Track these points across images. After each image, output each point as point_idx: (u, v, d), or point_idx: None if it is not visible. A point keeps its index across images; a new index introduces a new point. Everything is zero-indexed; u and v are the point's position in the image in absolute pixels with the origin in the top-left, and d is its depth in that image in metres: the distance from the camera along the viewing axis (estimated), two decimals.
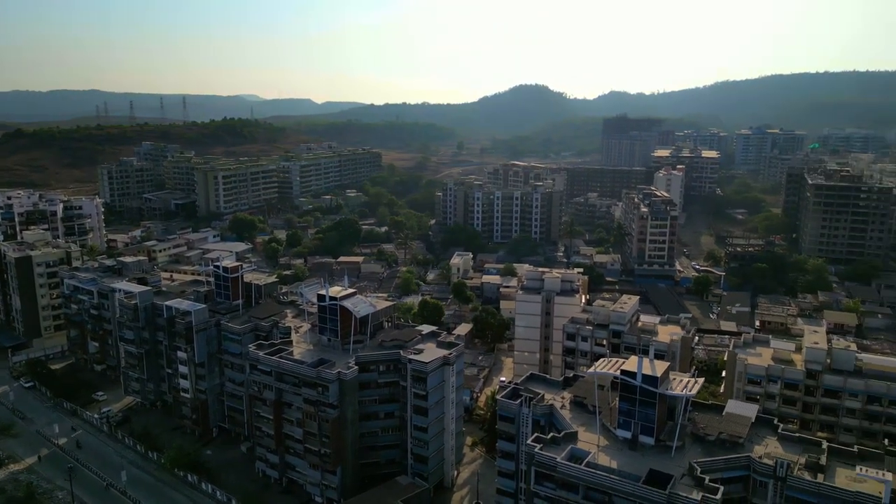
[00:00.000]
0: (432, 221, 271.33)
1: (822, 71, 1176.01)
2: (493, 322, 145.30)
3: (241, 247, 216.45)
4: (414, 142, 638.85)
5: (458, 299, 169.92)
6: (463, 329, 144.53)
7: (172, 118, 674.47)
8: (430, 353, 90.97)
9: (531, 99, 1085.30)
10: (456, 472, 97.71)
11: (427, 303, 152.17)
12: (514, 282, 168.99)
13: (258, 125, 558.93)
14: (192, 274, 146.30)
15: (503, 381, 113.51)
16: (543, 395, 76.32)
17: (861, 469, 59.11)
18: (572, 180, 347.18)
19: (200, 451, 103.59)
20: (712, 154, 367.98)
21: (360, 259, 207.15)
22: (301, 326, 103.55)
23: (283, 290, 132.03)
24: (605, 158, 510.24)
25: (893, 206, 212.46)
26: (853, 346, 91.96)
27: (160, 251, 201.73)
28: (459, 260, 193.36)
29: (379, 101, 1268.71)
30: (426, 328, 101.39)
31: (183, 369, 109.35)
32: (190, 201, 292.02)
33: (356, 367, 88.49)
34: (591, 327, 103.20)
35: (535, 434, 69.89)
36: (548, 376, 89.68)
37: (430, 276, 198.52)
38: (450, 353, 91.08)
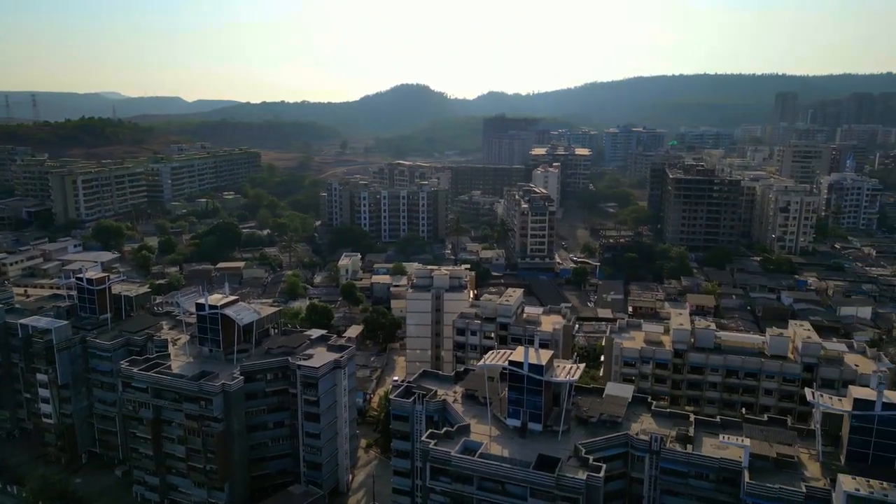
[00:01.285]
0: (318, 222, 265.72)
1: (677, 74, 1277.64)
2: (385, 322, 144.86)
3: (107, 256, 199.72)
4: (295, 141, 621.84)
5: (347, 301, 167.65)
6: (354, 331, 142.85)
7: (20, 117, 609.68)
8: (321, 357, 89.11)
9: (413, 98, 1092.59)
10: (351, 476, 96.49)
11: (315, 306, 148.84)
12: (404, 281, 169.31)
13: (122, 125, 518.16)
14: (51, 288, 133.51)
15: (396, 381, 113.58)
16: (436, 392, 77.18)
17: (724, 437, 64.99)
18: (456, 179, 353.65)
19: (69, 479, 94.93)
20: (585, 152, 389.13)
21: (241, 264, 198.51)
22: (179, 338, 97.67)
23: (158, 301, 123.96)
24: (487, 157, 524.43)
25: (741, 197, 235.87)
26: (713, 326, 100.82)
27: (11, 264, 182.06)
28: (348, 261, 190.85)
29: (255, 100, 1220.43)
30: (315, 332, 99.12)
31: (44, 393, 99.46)
32: (45, 208, 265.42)
33: (241, 377, 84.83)
34: (479, 321, 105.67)
35: (429, 430, 70.57)
36: (440, 372, 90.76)
37: (318, 279, 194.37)
38: (341, 357, 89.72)
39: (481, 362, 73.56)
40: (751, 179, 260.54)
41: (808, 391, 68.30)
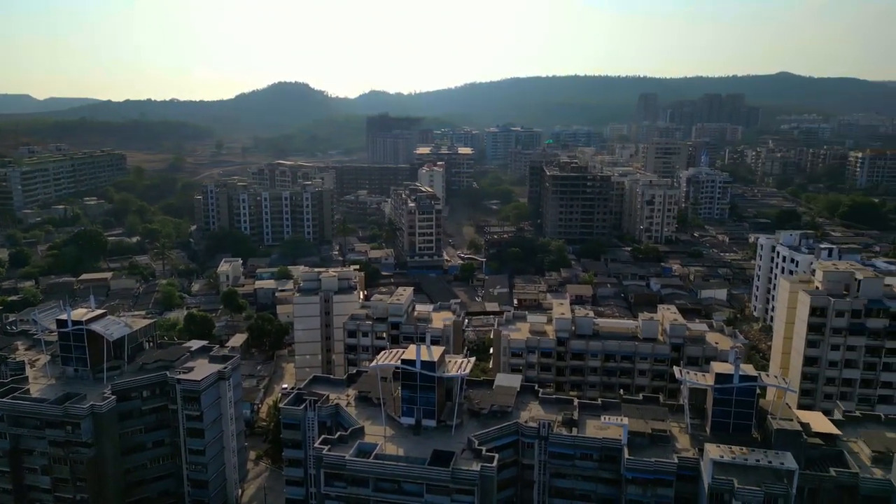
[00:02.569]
0: (193, 227, 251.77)
1: (551, 75, 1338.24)
2: (271, 328, 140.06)
3: None
4: (165, 142, 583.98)
5: (229, 309, 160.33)
6: (238, 339, 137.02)
7: None
8: (202, 369, 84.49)
9: (292, 97, 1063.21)
10: (240, 491, 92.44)
11: (194, 316, 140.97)
12: (289, 285, 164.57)
13: None
14: None
15: (285, 388, 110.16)
16: (328, 396, 75.72)
17: (605, 418, 69.01)
18: (341, 178, 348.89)
19: None
20: (467, 151, 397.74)
21: (108, 275, 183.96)
22: (38, 359, 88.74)
23: (11, 320, 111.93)
24: (371, 156, 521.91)
25: (612, 192, 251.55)
26: (591, 314, 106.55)
27: None
28: (228, 266, 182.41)
29: (117, 98, 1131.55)
30: (195, 343, 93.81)
31: None
32: None
33: (113, 396, 78.53)
34: (370, 322, 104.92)
35: (322, 436, 69.12)
36: (331, 376, 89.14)
37: (196, 287, 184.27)
38: (224, 368, 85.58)
39: (374, 363, 73.10)
40: (620, 175, 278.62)
41: (676, 369, 74.06)
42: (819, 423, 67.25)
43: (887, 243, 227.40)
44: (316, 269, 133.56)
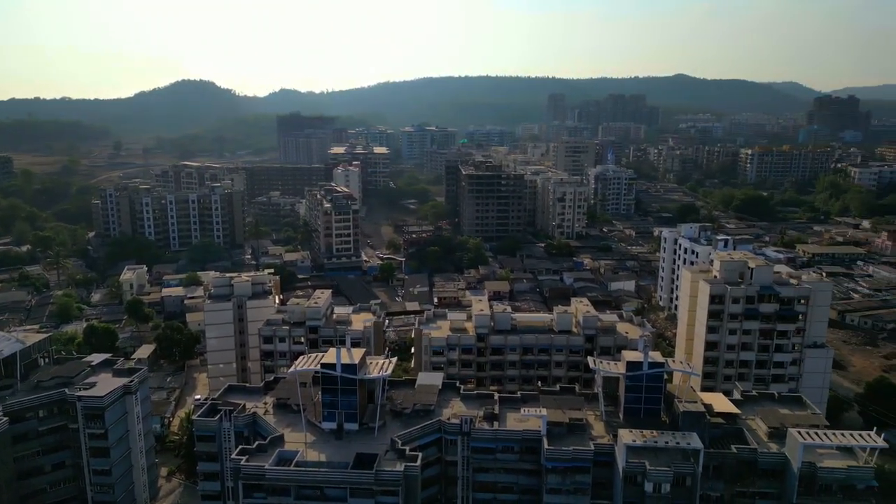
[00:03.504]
0: (91, 234, 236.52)
1: (463, 75, 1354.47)
2: (180, 338, 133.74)
3: None
4: (56, 143, 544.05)
5: (134, 319, 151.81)
6: (144, 351, 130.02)
7: None
8: (106, 384, 79.42)
9: (197, 95, 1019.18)
10: None
11: (95, 328, 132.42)
12: (199, 291, 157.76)
13: None
14: None
15: (198, 399, 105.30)
16: (244, 405, 73.19)
17: (524, 410, 70.61)
18: (252, 180, 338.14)
19: None
20: (383, 150, 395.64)
21: None
22: None
23: None
24: (283, 156, 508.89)
25: (526, 190, 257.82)
26: (509, 309, 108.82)
27: None
28: (131, 274, 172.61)
29: (1, 96, 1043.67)
30: (97, 357, 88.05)
31: None
32: None
33: (5, 418, 72.47)
34: (287, 327, 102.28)
35: (240, 447, 66.74)
36: (248, 384, 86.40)
37: (96, 297, 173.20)
38: (130, 381, 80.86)
39: (292, 369, 71.30)
40: (532, 173, 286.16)
41: (590, 359, 76.87)
42: (720, 403, 71.73)
43: (775, 233, 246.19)
44: (227, 274, 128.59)
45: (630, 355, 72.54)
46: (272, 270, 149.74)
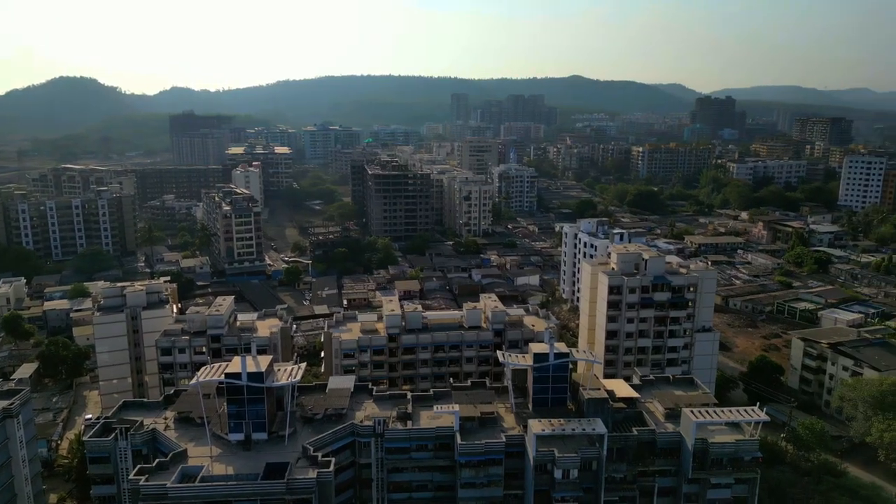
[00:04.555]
0: None
1: (366, 74, 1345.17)
2: (67, 354, 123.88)
3: None
4: None
5: (13, 336, 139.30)
6: (26, 370, 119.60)
7: None
8: None
9: (78, 93, 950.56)
10: None
11: None
12: (87, 303, 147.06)
13: None
14: None
15: (90, 419, 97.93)
16: (142, 422, 69.05)
17: (437, 408, 71.10)
18: (144, 182, 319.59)
19: None
20: (285, 150, 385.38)
21: None
22: None
23: None
24: (177, 157, 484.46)
25: (433, 189, 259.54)
26: (419, 308, 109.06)
27: None
28: (8, 288, 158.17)
29: None
30: None
31: None
32: None
33: None
34: (187, 337, 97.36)
35: (138, 466, 62.85)
36: (145, 399, 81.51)
37: None
38: (10, 404, 73.99)
39: (194, 380, 67.96)
40: (438, 173, 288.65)
41: (499, 353, 78.62)
42: (622, 389, 75.49)
43: (665, 226, 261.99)
44: (119, 284, 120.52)
45: (537, 347, 74.78)
46: (168, 278, 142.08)
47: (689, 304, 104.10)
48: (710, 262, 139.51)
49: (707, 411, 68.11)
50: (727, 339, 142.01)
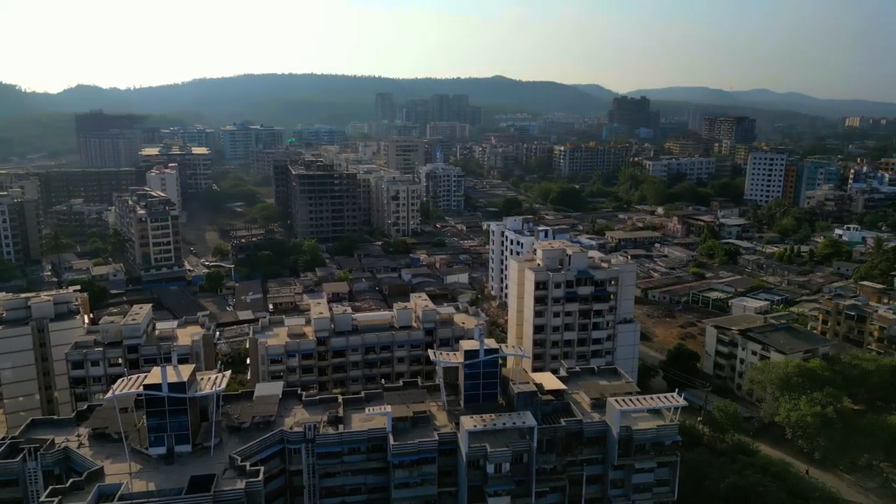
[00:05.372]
0: None
1: (287, 73, 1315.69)
2: None
3: None
4: None
5: None
6: None
7: None
8: None
9: None
10: None
11: None
12: None
13: None
14: None
15: None
16: (53, 440, 64.80)
17: (369, 410, 70.49)
18: (48, 186, 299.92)
19: None
20: (203, 150, 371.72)
21: None
22: None
23: None
24: (85, 159, 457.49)
25: (359, 189, 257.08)
26: (349, 310, 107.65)
27: None
28: None
29: None
30: None
31: None
32: None
33: None
34: (101, 348, 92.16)
35: (50, 487, 58.94)
36: (56, 417, 76.70)
37: None
38: None
39: (109, 394, 64.39)
40: (365, 172, 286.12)
41: (430, 352, 78.84)
42: (549, 381, 77.37)
43: (587, 222, 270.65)
44: (23, 295, 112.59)
45: (467, 344, 75.48)
46: (79, 287, 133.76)
47: (611, 296, 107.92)
48: (629, 257, 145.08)
49: (630, 399, 70.83)
50: (647, 329, 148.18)
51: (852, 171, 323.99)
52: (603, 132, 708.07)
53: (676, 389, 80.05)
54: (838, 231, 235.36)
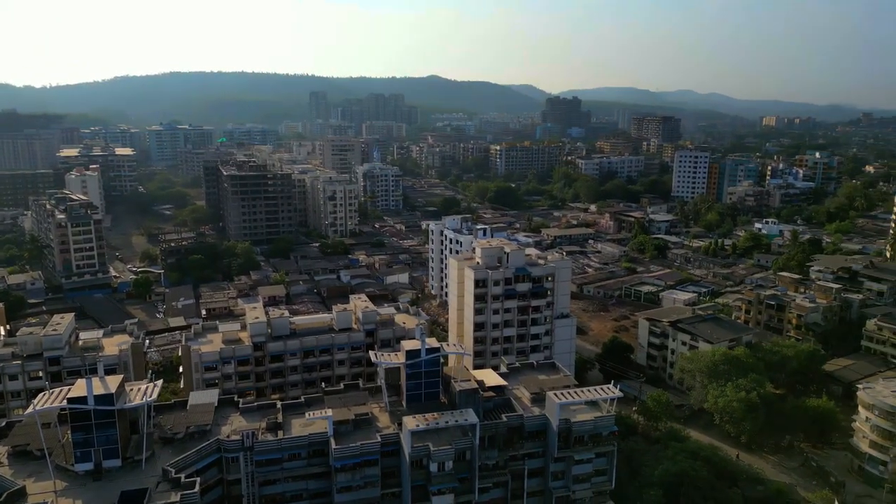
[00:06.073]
0: None
1: (216, 71, 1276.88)
2: None
3: None
4: None
5: None
6: None
7: None
8: None
9: None
10: None
11: None
12: None
13: None
14: None
15: None
16: None
17: (309, 414, 69.31)
18: None
19: None
20: (128, 151, 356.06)
21: None
22: None
23: None
24: None
25: (294, 189, 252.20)
26: (286, 313, 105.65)
27: None
28: None
29: None
30: None
31: None
32: None
33: None
34: (19, 361, 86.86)
35: None
36: None
37: None
38: None
39: (30, 409, 60.71)
40: (300, 172, 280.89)
41: (371, 353, 78.21)
42: (490, 378, 78.21)
43: (523, 220, 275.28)
44: None
45: (408, 344, 75.33)
46: None
47: (548, 292, 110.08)
48: (564, 253, 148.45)
49: (568, 392, 72.48)
50: (583, 323, 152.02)
51: (769, 167, 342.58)
52: (537, 132, 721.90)
53: (612, 381, 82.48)
54: (758, 225, 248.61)
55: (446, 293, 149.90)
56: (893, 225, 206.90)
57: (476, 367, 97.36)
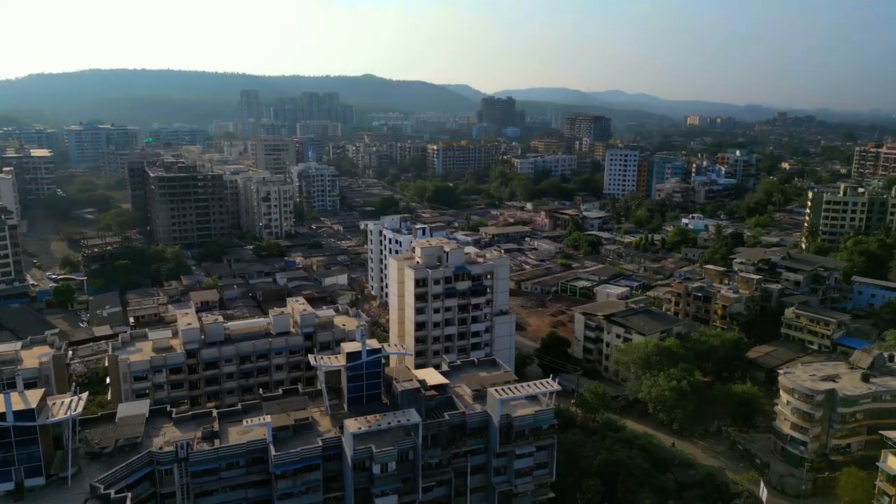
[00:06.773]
0: None
1: (140, 68, 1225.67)
2: None
3: None
4: None
5: None
6: None
7: None
8: None
9: None
10: None
11: None
12: None
13: None
14: None
15: None
16: None
17: (247, 422, 67.50)
18: None
19: None
20: (44, 153, 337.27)
21: None
22: None
23: None
24: None
25: (226, 191, 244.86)
26: (220, 319, 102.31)
27: None
28: None
29: None
30: None
31: None
32: None
33: None
34: None
35: None
36: None
37: None
38: None
39: None
40: (232, 173, 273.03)
41: (310, 357, 76.91)
42: (432, 377, 78.34)
43: (462, 219, 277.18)
44: None
45: (349, 346, 74.52)
46: None
47: (488, 290, 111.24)
48: (502, 251, 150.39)
49: (509, 388, 73.51)
50: (522, 319, 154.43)
51: (694, 165, 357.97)
52: (473, 131, 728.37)
53: (551, 375, 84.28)
54: (684, 220, 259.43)
55: (386, 294, 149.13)
56: (807, 218, 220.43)
57: (418, 366, 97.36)
